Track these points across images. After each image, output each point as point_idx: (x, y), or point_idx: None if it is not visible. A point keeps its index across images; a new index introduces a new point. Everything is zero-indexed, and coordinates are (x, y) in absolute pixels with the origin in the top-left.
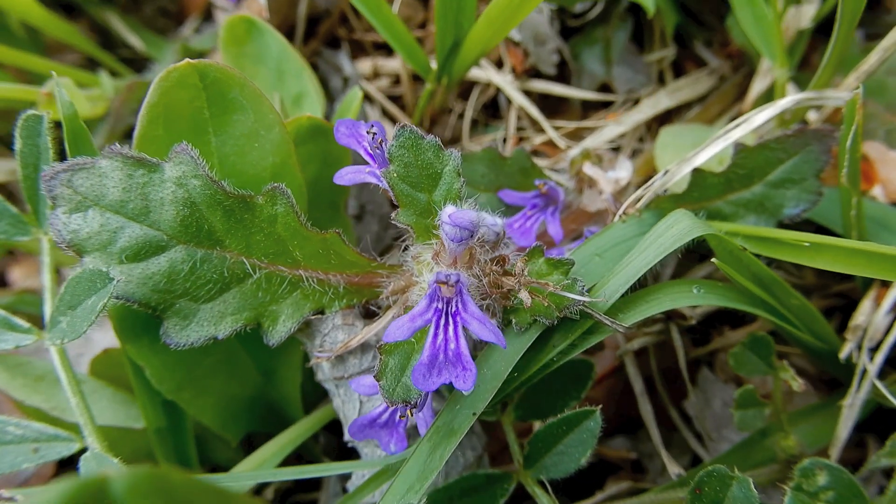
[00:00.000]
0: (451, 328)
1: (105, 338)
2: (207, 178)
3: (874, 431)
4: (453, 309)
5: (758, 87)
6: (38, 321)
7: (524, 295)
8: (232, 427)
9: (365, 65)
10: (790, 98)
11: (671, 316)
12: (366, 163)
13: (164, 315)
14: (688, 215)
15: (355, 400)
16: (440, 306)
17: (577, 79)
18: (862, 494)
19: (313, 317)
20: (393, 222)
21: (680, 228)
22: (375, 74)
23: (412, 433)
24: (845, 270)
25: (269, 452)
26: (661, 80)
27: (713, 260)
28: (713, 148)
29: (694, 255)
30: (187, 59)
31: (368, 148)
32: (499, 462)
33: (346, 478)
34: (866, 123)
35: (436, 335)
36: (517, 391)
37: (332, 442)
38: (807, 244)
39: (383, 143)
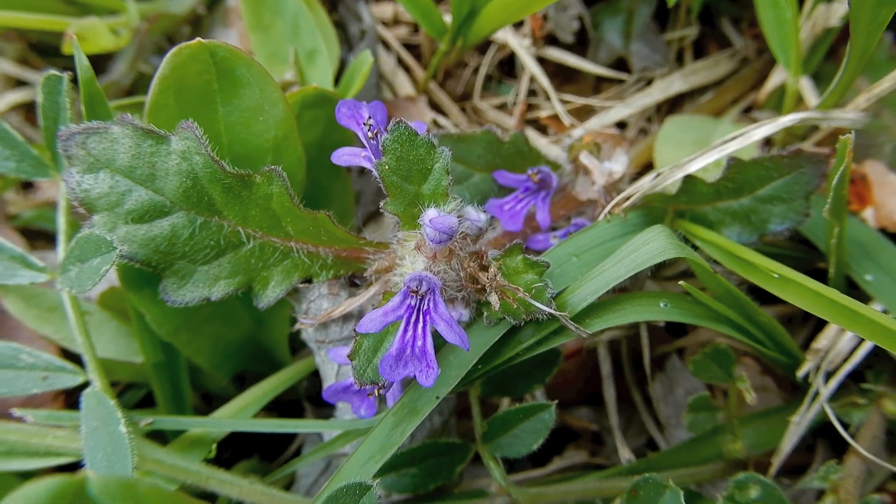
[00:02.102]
0: (420, 326)
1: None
2: (209, 156)
3: (827, 436)
4: (425, 307)
5: (776, 78)
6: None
7: (493, 298)
8: (223, 367)
9: (386, 9)
10: (791, 117)
11: None
12: (363, 145)
13: (163, 274)
14: (665, 233)
15: (334, 363)
16: (413, 303)
17: (594, 49)
18: None
19: (301, 284)
20: (381, 210)
21: (655, 247)
22: (395, 21)
23: (383, 398)
24: (807, 309)
25: (254, 396)
26: (680, 60)
27: (681, 283)
28: (708, 157)
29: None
30: (198, 39)
31: (366, 134)
32: (467, 418)
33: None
34: (876, 136)
35: (405, 331)
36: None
37: (315, 384)
38: (776, 275)
39: (379, 134)
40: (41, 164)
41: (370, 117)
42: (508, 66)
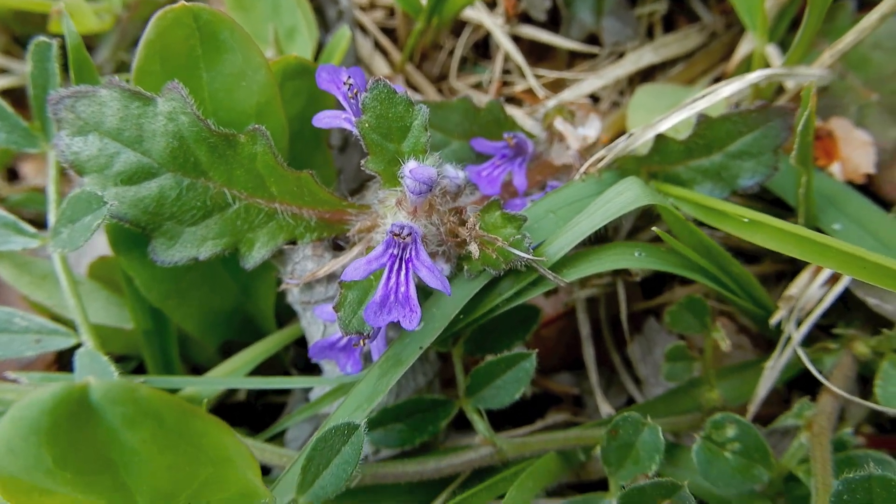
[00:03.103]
0: (402, 273)
1: (104, 242)
2: (195, 115)
3: (802, 388)
4: (407, 255)
5: (744, 49)
6: (43, 219)
7: (473, 247)
8: (211, 335)
9: None
10: (758, 73)
11: (618, 271)
12: (344, 108)
13: (152, 235)
14: (638, 183)
15: (320, 323)
16: (395, 252)
17: (566, 27)
18: (765, 448)
19: (286, 246)
20: (363, 168)
21: (628, 196)
22: (372, 5)
23: (368, 357)
24: (778, 249)
25: (241, 361)
26: (651, 34)
27: (654, 228)
28: (678, 116)
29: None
30: (182, 2)
31: (346, 95)
32: (451, 386)
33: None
34: (842, 97)
35: (388, 278)
36: (468, 327)
37: (301, 353)
38: (746, 220)
39: (359, 94)
40: (30, 135)
41: (350, 78)
42: (483, 48)
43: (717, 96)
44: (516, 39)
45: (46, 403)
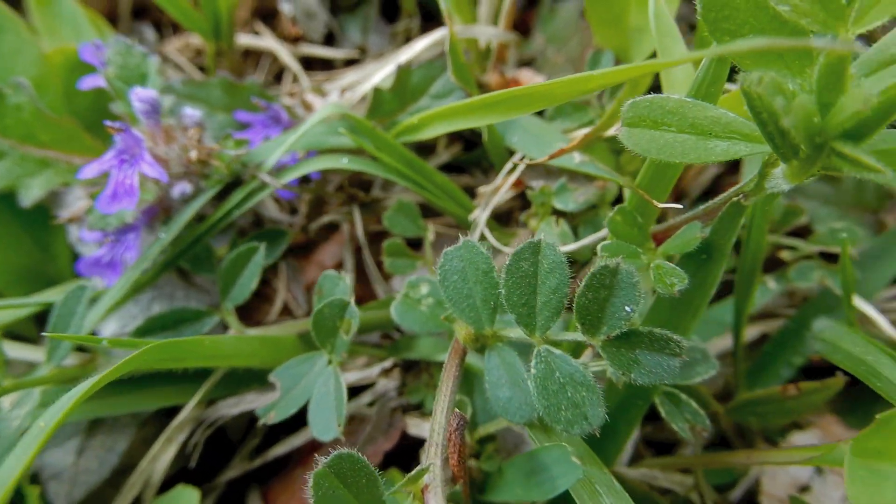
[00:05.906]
0: (128, 170)
1: None
2: None
3: None
4: (133, 158)
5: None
6: None
7: (193, 154)
8: (15, 290)
9: (178, 42)
10: (443, 30)
11: (354, 198)
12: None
13: None
14: (335, 105)
15: (92, 250)
16: (125, 157)
17: (340, 44)
18: None
19: (62, 188)
20: (112, 112)
21: (326, 111)
22: (186, 47)
23: None
24: (448, 129)
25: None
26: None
27: (339, 129)
28: (385, 70)
29: None
30: None
31: (99, 60)
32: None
33: None
34: (543, 68)
35: (116, 175)
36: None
37: None
38: (416, 120)
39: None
40: None
41: (101, 45)
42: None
43: (413, 51)
44: (307, 62)
45: None
